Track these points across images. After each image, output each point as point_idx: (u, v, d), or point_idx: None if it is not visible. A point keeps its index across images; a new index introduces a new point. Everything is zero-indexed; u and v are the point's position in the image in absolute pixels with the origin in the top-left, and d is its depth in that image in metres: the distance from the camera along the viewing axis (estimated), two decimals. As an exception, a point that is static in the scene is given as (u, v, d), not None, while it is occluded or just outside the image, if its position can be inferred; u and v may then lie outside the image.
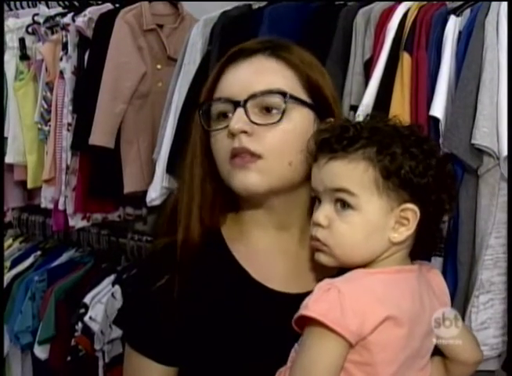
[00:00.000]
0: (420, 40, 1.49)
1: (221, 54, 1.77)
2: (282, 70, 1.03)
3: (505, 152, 1.34)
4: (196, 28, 1.93)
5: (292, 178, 1.01)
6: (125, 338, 1.09)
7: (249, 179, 0.99)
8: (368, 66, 1.55)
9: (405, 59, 1.48)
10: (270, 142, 0.99)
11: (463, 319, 1.36)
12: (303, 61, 1.04)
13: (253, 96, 0.99)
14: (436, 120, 1.42)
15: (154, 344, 1.03)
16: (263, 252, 1.06)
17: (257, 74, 1.02)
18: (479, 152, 1.38)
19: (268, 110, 1.00)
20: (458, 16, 1.48)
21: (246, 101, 0.99)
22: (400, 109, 1.44)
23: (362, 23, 1.58)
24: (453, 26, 1.47)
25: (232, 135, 0.99)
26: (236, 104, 1.00)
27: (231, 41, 1.71)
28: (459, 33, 1.46)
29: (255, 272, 1.04)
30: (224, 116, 1.02)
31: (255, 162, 0.99)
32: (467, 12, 1.48)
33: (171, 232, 1.05)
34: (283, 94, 0.99)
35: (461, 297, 1.42)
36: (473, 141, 1.36)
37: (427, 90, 1.46)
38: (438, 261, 1.42)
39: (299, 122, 1.01)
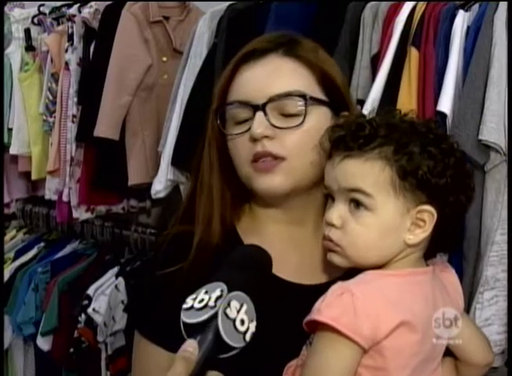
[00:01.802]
0: (427, 35, 1.48)
1: (227, 47, 1.77)
2: (297, 70, 1.01)
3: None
4: (203, 21, 1.93)
5: (314, 176, 1.00)
6: (134, 326, 1.07)
7: (274, 182, 0.99)
8: (375, 61, 1.54)
9: (413, 54, 1.48)
10: (292, 144, 0.98)
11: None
12: (316, 56, 1.03)
13: (272, 100, 0.98)
14: (443, 115, 1.42)
15: (163, 331, 1.02)
16: (277, 244, 1.05)
17: (274, 76, 1.00)
18: (486, 148, 1.38)
19: (287, 111, 0.99)
20: (466, 11, 1.47)
21: (265, 104, 0.98)
22: (407, 104, 1.44)
23: (370, 17, 1.57)
24: (462, 21, 1.46)
25: (254, 139, 0.98)
26: (255, 108, 0.99)
27: (237, 34, 1.72)
28: (468, 28, 1.45)
29: None
30: (241, 119, 1.01)
31: (279, 165, 0.98)
32: (476, 7, 1.47)
33: (186, 222, 1.05)
34: (303, 96, 0.98)
35: (466, 293, 1.40)
36: (480, 137, 1.36)
37: (435, 85, 1.46)
38: (442, 257, 1.42)
39: (318, 121, 1.00)
